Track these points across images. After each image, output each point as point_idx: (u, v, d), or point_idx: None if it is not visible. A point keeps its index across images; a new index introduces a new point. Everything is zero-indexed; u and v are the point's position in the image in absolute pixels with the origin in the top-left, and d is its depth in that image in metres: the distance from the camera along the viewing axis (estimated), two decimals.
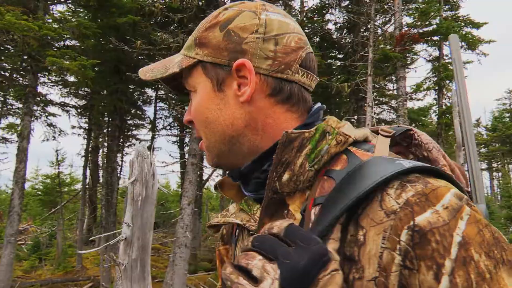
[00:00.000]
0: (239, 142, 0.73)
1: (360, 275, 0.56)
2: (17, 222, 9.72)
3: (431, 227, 0.53)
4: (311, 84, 0.76)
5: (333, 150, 0.66)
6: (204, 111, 0.74)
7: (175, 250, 9.68)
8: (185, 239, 9.59)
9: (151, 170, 3.96)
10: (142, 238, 3.78)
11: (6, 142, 15.40)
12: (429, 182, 0.58)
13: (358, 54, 9.99)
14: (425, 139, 0.77)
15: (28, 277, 13.10)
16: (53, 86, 14.54)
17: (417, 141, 0.76)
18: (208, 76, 0.73)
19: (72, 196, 20.65)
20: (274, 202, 0.68)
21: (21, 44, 9.20)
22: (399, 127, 0.79)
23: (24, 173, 9.92)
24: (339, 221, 0.60)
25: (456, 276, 0.51)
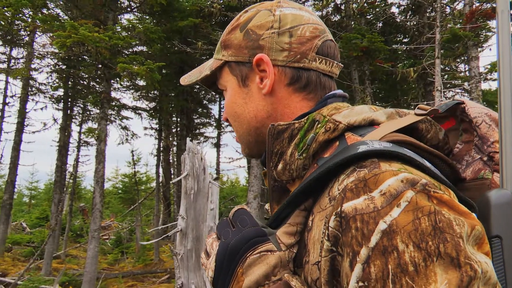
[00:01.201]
0: (263, 133, 0.78)
1: (308, 259, 0.58)
2: (99, 218, 10.53)
3: (355, 214, 0.51)
4: (332, 70, 0.78)
5: (321, 138, 0.66)
6: (232, 106, 0.81)
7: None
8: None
9: (201, 165, 4.11)
10: (196, 230, 3.94)
11: (88, 145, 16.74)
12: (377, 167, 0.55)
13: (424, 37, 9.43)
14: (474, 112, 0.72)
15: (112, 269, 14.15)
16: (125, 91, 15.52)
17: (466, 115, 0.73)
18: (234, 74, 0.79)
19: (148, 193, 21.91)
20: (278, 189, 0.72)
21: (95, 54, 9.91)
22: (449, 102, 0.76)
23: (103, 173, 10.71)
24: (300, 207, 0.62)
25: (371, 265, 0.48)
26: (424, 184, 0.52)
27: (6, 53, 14.80)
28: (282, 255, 0.59)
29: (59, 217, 13.95)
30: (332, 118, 0.67)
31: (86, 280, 9.92)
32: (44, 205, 23.11)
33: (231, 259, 0.60)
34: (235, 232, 0.62)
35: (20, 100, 15.11)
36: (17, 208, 24.69)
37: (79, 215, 21.68)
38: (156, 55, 12.48)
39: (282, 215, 0.64)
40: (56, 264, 13.56)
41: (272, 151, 0.70)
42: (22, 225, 20.33)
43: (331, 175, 0.60)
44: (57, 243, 15.05)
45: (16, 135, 14.93)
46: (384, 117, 0.69)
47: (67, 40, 9.20)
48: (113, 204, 24.51)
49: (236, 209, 0.66)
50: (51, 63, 14.53)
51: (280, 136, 0.68)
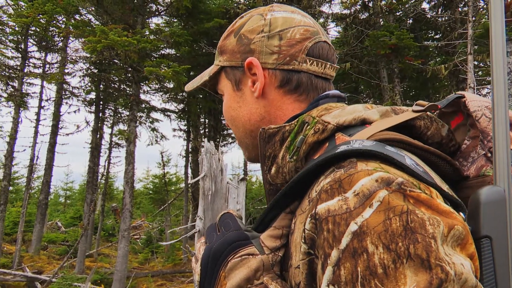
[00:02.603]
0: (257, 136, 0.76)
1: (291, 262, 0.58)
2: (129, 218, 10.76)
3: (327, 215, 0.50)
4: (326, 71, 0.77)
5: (311, 139, 0.65)
6: (229, 110, 0.82)
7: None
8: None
9: (219, 166, 4.11)
10: None
11: (119, 146, 17.16)
12: (354, 167, 0.53)
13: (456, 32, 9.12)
14: (474, 106, 0.69)
15: (143, 268, 14.43)
16: (154, 93, 15.82)
17: (467, 109, 0.70)
18: (229, 79, 0.81)
19: (177, 194, 22.24)
20: (273, 193, 0.72)
21: (124, 58, 10.14)
22: (450, 96, 0.73)
23: (133, 174, 10.94)
24: (286, 210, 0.61)
25: (341, 268, 0.47)
26: (399, 183, 0.50)
27: (42, 59, 15.38)
28: (265, 259, 0.59)
29: (91, 216, 14.37)
30: (321, 119, 0.66)
31: (116, 279, 10.16)
32: (78, 205, 23.87)
33: (214, 263, 0.60)
34: (218, 236, 0.63)
35: (54, 103, 15.68)
36: (53, 208, 25.60)
37: (111, 215, 22.26)
38: (183, 57, 12.65)
39: (267, 218, 0.63)
40: (88, 263, 13.96)
41: (264, 155, 0.70)
42: (57, 224, 21.06)
43: (314, 176, 0.59)
44: (90, 242, 15.51)
45: (51, 137, 15.49)
46: (377, 116, 0.67)
47: (98, 45, 9.46)
48: (144, 205, 25.01)
49: (222, 214, 0.67)
50: (83, 67, 15.01)
51: (271, 139, 0.69)
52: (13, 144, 12.38)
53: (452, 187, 0.62)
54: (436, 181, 0.55)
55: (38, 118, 15.07)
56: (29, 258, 13.98)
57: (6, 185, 12.13)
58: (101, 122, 15.75)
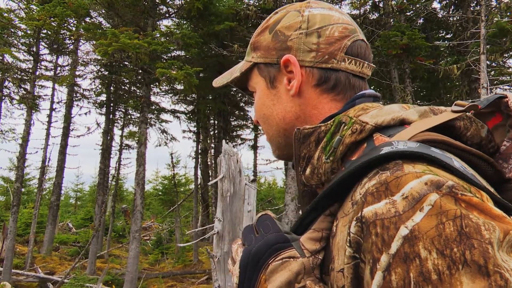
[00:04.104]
0: (292, 134, 0.76)
1: (333, 266, 0.57)
2: (140, 219, 10.81)
3: (375, 219, 0.49)
4: (363, 70, 0.77)
5: (348, 140, 0.64)
6: (261, 108, 0.81)
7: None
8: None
9: (237, 167, 4.10)
10: (232, 232, 3.93)
11: (129, 148, 17.26)
12: (400, 169, 0.52)
13: (468, 32, 9.03)
14: None
15: (153, 269, 14.48)
16: (164, 95, 15.90)
17: (510, 110, 0.68)
18: (262, 76, 0.80)
19: (187, 195, 22.32)
20: (308, 194, 0.71)
21: (135, 60, 10.20)
22: (491, 96, 0.71)
23: (144, 175, 10.99)
24: (325, 212, 0.61)
25: (392, 273, 0.46)
26: (450, 186, 0.49)
27: (53, 61, 15.53)
28: (306, 262, 0.58)
29: (102, 218, 14.46)
30: (358, 119, 0.65)
31: (128, 280, 10.21)
32: (88, 206, 24.06)
33: (254, 265, 0.60)
34: (257, 239, 0.62)
35: (66, 105, 15.83)
36: (64, 209, 25.82)
37: (121, 216, 22.39)
38: (193, 59, 12.69)
39: (306, 221, 0.63)
40: (99, 264, 14.05)
41: (299, 155, 0.69)
42: (68, 225, 21.24)
43: (355, 178, 0.58)
44: (101, 243, 15.61)
45: (62, 139, 15.63)
46: (415, 116, 0.65)
47: (109, 47, 9.53)
48: (154, 206, 25.12)
49: (260, 215, 0.66)
50: (94, 70, 15.13)
51: (306, 140, 0.68)
52: (25, 146, 12.50)
53: None
54: (484, 184, 0.54)
55: (49, 120, 15.23)
56: (41, 259, 14.11)
57: (19, 186, 12.25)
58: (111, 124, 15.86)
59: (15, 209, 11.98)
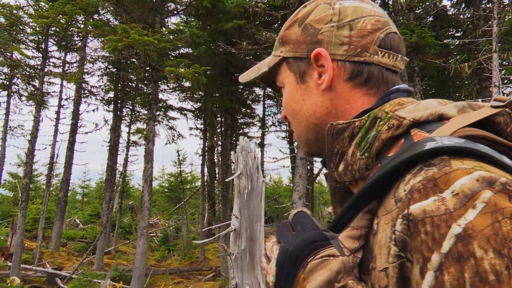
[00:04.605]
0: (322, 130, 0.74)
1: (375, 265, 0.55)
2: (148, 216, 10.85)
3: (424, 216, 0.48)
4: (396, 64, 0.75)
5: (384, 135, 0.62)
6: (291, 103, 0.79)
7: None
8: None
9: (255, 164, 4.08)
10: (250, 230, 3.91)
11: (136, 145, 17.32)
12: (448, 165, 0.51)
13: (479, 30, 8.94)
14: None
15: (160, 266, 14.54)
16: (171, 92, 15.92)
17: None
18: (292, 70, 0.78)
19: (193, 192, 22.36)
20: (340, 191, 0.70)
21: (143, 57, 10.22)
22: None
23: (151, 172, 11.02)
24: (364, 210, 0.59)
25: (444, 273, 0.44)
26: (503, 183, 0.47)
27: (61, 58, 15.60)
28: (346, 260, 0.57)
29: (109, 214, 14.53)
30: (395, 114, 0.63)
31: (135, 276, 10.25)
32: (95, 202, 24.18)
33: (291, 264, 0.58)
34: (295, 236, 0.60)
35: (74, 102, 15.90)
36: (71, 205, 25.97)
37: (128, 212, 22.49)
38: (201, 57, 12.69)
39: (344, 219, 0.61)
40: (107, 260, 14.12)
41: (332, 151, 0.68)
42: (75, 221, 21.37)
43: (396, 175, 0.56)
44: (108, 239, 15.69)
45: (70, 136, 15.71)
46: (454, 111, 0.64)
47: (119, 44, 9.54)
48: (160, 203, 25.19)
49: (296, 212, 0.65)
50: (102, 67, 15.18)
51: (340, 135, 0.66)
52: (34, 142, 12.58)
53: None
54: None
55: (58, 117, 15.30)
56: (49, 254, 14.22)
57: (28, 182, 12.34)
58: (119, 120, 15.92)
59: (23, 204, 12.07)
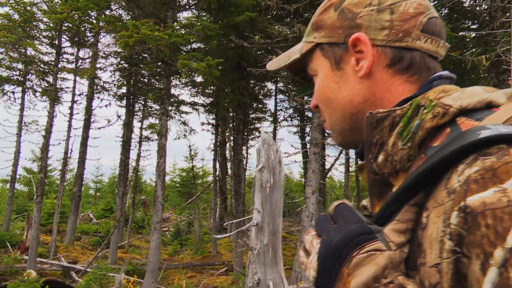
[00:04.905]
0: (359, 119, 0.72)
1: (424, 260, 0.52)
2: (161, 211, 10.91)
3: (484, 209, 0.45)
4: (438, 50, 0.72)
5: (429, 124, 0.60)
6: (325, 91, 0.76)
7: (301, 238, 9.81)
8: (311, 228, 9.65)
9: (277, 157, 4.03)
10: (272, 224, 3.87)
11: (148, 140, 17.41)
12: (507, 154, 0.48)
13: (497, 21, 8.75)
14: None
15: (172, 260, 14.64)
16: (183, 87, 15.94)
17: None
18: (326, 57, 0.75)
19: (204, 187, 22.45)
20: (378, 183, 0.66)
21: (155, 52, 10.22)
22: None
23: (164, 167, 11.07)
24: (409, 202, 0.56)
25: (509, 269, 0.42)
26: None
27: (74, 54, 15.71)
28: (393, 255, 0.54)
29: (123, 209, 14.66)
30: (440, 101, 0.60)
31: (149, 270, 10.33)
32: (108, 197, 24.43)
33: (335, 258, 0.56)
34: (337, 229, 0.58)
35: (87, 98, 16.02)
36: (84, 200, 26.27)
37: (140, 207, 22.68)
38: (213, 51, 12.66)
39: (388, 211, 0.59)
40: (120, 254, 14.27)
41: (371, 142, 0.65)
42: (89, 215, 21.62)
43: (446, 165, 0.54)
44: (121, 234, 15.84)
45: (84, 131, 15.85)
46: (503, 98, 0.61)
47: (130, 39, 9.56)
48: (172, 198, 25.37)
49: (337, 204, 0.62)
50: (114, 62, 15.25)
51: (379, 124, 0.63)
52: (48, 138, 12.71)
53: None
54: None
55: (71, 113, 15.44)
56: (64, 248, 14.41)
57: (43, 177, 12.49)
58: (131, 116, 16.00)
59: (38, 199, 12.22)
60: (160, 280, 11.01)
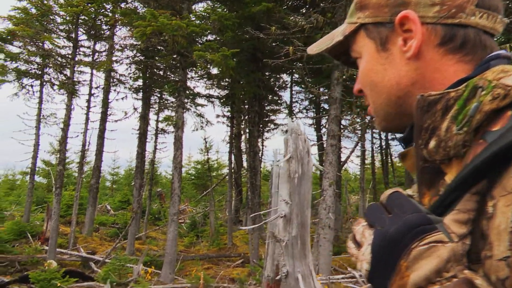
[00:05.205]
0: (406, 103, 0.68)
1: (490, 253, 0.49)
2: (178, 203, 10.97)
3: None
4: (495, 26, 0.66)
5: (488, 107, 0.55)
6: (369, 74, 0.72)
7: (318, 231, 9.76)
8: (328, 220, 9.59)
9: (305, 147, 3.95)
10: (300, 216, 3.81)
11: (164, 132, 17.50)
12: None
13: None
14: None
15: (189, 252, 14.76)
16: (199, 80, 15.94)
17: None
18: (371, 37, 0.71)
19: (219, 180, 22.53)
20: (429, 171, 0.62)
21: (171, 44, 10.21)
22: None
23: (181, 159, 11.11)
24: (471, 191, 0.53)
25: None
26: None
27: (91, 47, 15.82)
28: (455, 247, 0.51)
29: (140, 201, 14.80)
30: (500, 82, 0.56)
31: (167, 261, 10.42)
32: (124, 189, 24.71)
33: (391, 250, 0.52)
34: (393, 219, 0.54)
35: (103, 91, 16.15)
36: (101, 192, 26.63)
37: (156, 199, 22.89)
38: (228, 43, 12.60)
39: (447, 201, 0.55)
40: (138, 245, 14.43)
41: (421, 127, 0.61)
42: (106, 207, 21.93)
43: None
44: (138, 225, 16.02)
45: (101, 124, 16.01)
46: None
47: (147, 28, 9.56)
48: (187, 190, 25.52)
49: (391, 192, 0.58)
50: (130, 55, 15.31)
51: (431, 108, 0.59)
52: (66, 131, 12.86)
53: None
54: None
55: (88, 105, 15.60)
56: (83, 239, 14.65)
57: (62, 169, 12.66)
58: (147, 108, 16.09)
59: (58, 191, 12.40)
60: (177, 271, 11.10)
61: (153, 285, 9.09)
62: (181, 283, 10.12)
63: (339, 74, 10.59)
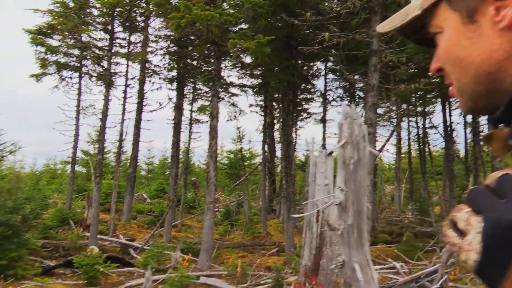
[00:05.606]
0: (498, 79, 0.61)
1: None
2: (214, 191, 11.07)
3: None
4: None
5: None
6: (453, 49, 0.64)
7: None
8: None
9: (361, 132, 3.83)
10: (357, 203, 3.72)
11: (198, 122, 17.66)
12: None
13: None
14: None
15: (224, 240, 14.93)
16: (231, 69, 15.93)
17: None
18: (456, 9, 0.64)
19: (252, 169, 22.60)
20: None
21: (205, 33, 10.21)
22: None
23: (216, 148, 11.18)
24: None
25: None
26: None
27: (126, 39, 16.09)
28: None
29: (176, 189, 15.05)
30: None
31: (204, 249, 10.57)
32: (160, 178, 25.23)
33: (507, 240, 0.46)
34: (507, 204, 0.47)
35: (139, 82, 16.44)
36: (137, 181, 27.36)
37: (190, 188, 23.25)
38: (261, 31, 12.48)
39: None
40: (174, 233, 14.73)
41: None
42: (143, 196, 22.48)
43: None
44: (174, 214, 16.34)
45: (137, 114, 16.33)
46: None
47: (182, 20, 9.60)
48: (220, 179, 25.75)
49: (500, 175, 0.51)
50: (164, 46, 15.47)
51: None
52: (105, 121, 13.20)
53: None
54: None
55: (125, 96, 15.93)
56: (121, 226, 15.09)
57: (101, 158, 13.04)
58: (181, 98, 16.26)
59: (98, 179, 12.80)
60: (213, 259, 11.25)
61: (190, 271, 9.25)
62: (217, 270, 10.26)
63: (377, 60, 10.29)
